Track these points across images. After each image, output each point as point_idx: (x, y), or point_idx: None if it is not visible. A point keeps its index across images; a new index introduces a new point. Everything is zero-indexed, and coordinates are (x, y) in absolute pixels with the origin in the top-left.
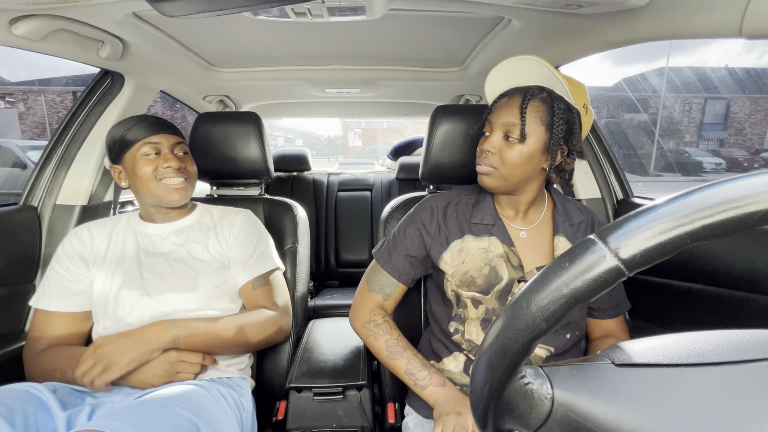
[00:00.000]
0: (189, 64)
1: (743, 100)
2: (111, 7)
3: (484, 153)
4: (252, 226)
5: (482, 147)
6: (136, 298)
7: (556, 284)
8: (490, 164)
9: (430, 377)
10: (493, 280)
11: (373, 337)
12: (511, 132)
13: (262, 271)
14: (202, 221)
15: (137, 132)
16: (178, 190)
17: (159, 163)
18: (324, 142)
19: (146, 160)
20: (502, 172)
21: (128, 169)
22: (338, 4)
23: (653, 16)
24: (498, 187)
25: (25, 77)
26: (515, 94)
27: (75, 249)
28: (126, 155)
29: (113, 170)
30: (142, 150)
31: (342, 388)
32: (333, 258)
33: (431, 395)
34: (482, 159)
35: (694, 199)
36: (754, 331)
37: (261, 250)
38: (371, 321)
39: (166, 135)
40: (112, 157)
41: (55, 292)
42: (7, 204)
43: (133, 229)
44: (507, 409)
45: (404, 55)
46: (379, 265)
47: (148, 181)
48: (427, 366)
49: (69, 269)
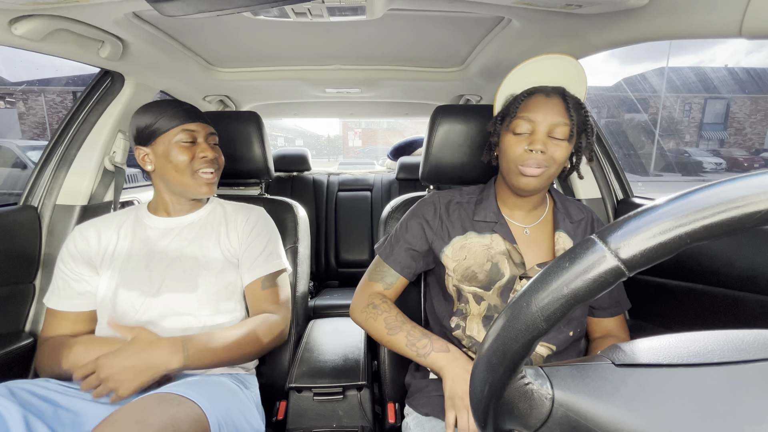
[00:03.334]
0: (189, 64)
1: (743, 100)
2: (111, 7)
3: (534, 153)
4: (265, 225)
5: (531, 147)
6: (142, 296)
7: (557, 284)
8: (540, 164)
9: (431, 344)
10: (494, 276)
11: (372, 318)
12: (557, 131)
13: (272, 270)
14: (213, 215)
15: (174, 117)
16: (210, 185)
17: (195, 152)
18: (324, 142)
19: (182, 148)
20: (550, 172)
21: (159, 153)
22: (338, 4)
23: (653, 16)
24: (542, 186)
25: (25, 77)
26: (552, 94)
27: (79, 249)
28: (159, 139)
29: (138, 151)
30: (178, 136)
31: (342, 388)
32: (333, 258)
33: (436, 361)
34: (530, 159)
35: (694, 199)
36: (754, 331)
37: (271, 249)
38: (369, 304)
39: (203, 124)
40: (141, 139)
41: (62, 292)
42: (7, 204)
43: (143, 224)
44: (507, 409)
45: (404, 55)
46: (382, 258)
47: (183, 170)
48: (427, 334)
49: (73, 270)
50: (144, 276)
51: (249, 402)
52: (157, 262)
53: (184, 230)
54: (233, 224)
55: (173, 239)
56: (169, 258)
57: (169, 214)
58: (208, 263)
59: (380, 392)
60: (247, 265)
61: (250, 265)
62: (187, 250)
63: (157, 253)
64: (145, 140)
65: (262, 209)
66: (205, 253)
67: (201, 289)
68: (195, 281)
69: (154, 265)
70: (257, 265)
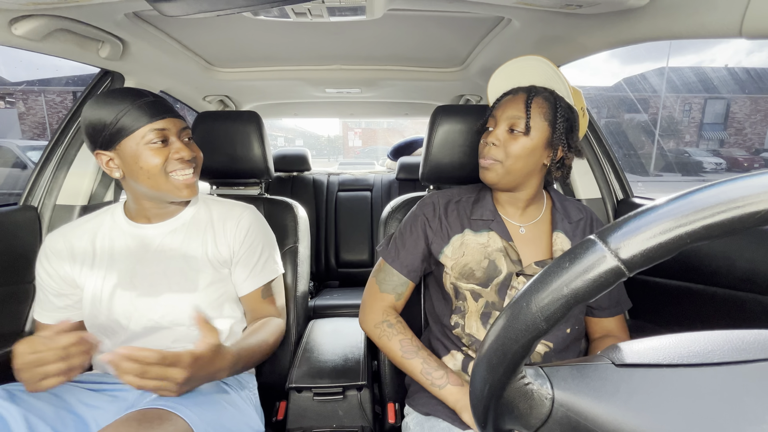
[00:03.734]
0: (189, 64)
1: (743, 100)
2: (111, 7)
3: (488, 145)
4: (259, 227)
5: (486, 139)
6: (132, 306)
7: (557, 284)
8: (494, 157)
9: (447, 377)
10: (492, 273)
11: (386, 338)
12: (515, 125)
13: (269, 278)
14: (198, 217)
15: (139, 115)
16: (189, 186)
17: (168, 153)
18: (324, 142)
19: (153, 150)
20: (506, 165)
21: (126, 158)
22: (338, 4)
23: (653, 16)
24: (499, 181)
25: (25, 77)
26: (520, 92)
27: (53, 265)
28: (124, 142)
29: (100, 157)
30: (147, 137)
31: (342, 388)
32: (333, 258)
33: (450, 395)
34: (486, 152)
35: (694, 199)
36: (754, 331)
37: (267, 256)
38: (384, 321)
39: (173, 119)
40: (100, 143)
41: (44, 305)
42: (7, 204)
43: (121, 230)
44: (507, 409)
45: (404, 55)
46: (388, 263)
47: (156, 175)
48: (443, 366)
49: (51, 286)
50: (127, 283)
51: (245, 403)
52: (141, 272)
53: (167, 238)
54: (221, 231)
55: (157, 246)
56: (153, 267)
57: (149, 220)
58: (196, 271)
59: (380, 392)
60: (243, 277)
61: (247, 275)
62: (173, 258)
63: (141, 262)
64: (105, 144)
65: (253, 208)
66: (192, 262)
67: (191, 293)
68: (183, 288)
69: (138, 275)
70: (254, 275)
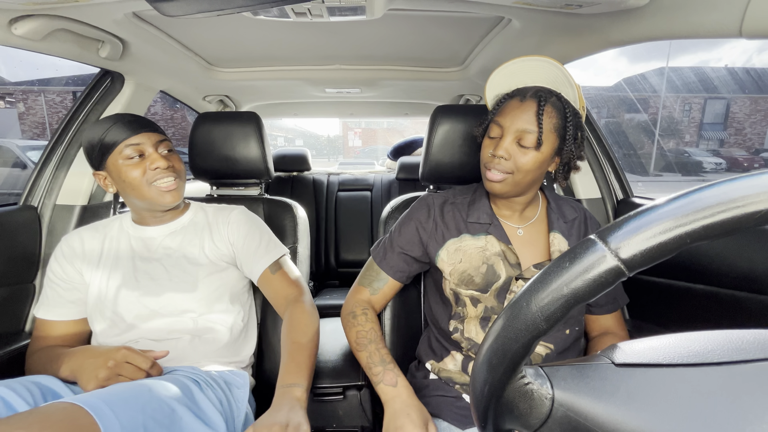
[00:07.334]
0: (189, 64)
1: (743, 100)
2: (111, 7)
3: (497, 159)
4: (250, 220)
5: (494, 152)
6: (134, 299)
7: (557, 284)
8: (504, 170)
9: (383, 374)
10: (491, 278)
11: (348, 327)
12: (524, 139)
13: (275, 257)
14: (196, 221)
15: (115, 134)
16: (171, 192)
17: (146, 165)
18: (324, 142)
19: (131, 165)
20: (516, 179)
21: (114, 175)
22: (338, 4)
23: (653, 16)
24: (508, 192)
25: (25, 77)
26: (528, 98)
27: (66, 257)
28: (108, 161)
29: (97, 177)
30: (124, 153)
31: (342, 388)
32: (333, 258)
33: (383, 393)
34: (494, 165)
35: (694, 199)
36: (754, 331)
37: (267, 238)
38: (351, 312)
39: (147, 134)
40: (94, 164)
41: (51, 301)
42: (7, 204)
43: (127, 233)
44: (507, 409)
45: (404, 55)
46: (375, 262)
47: (139, 186)
48: (385, 362)
49: (62, 278)
50: (131, 282)
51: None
52: (144, 270)
53: (168, 238)
54: (216, 228)
55: (159, 246)
56: (155, 265)
57: (150, 225)
58: (195, 268)
59: None
60: (251, 261)
61: (254, 259)
62: (173, 256)
63: (144, 260)
64: (97, 163)
65: (242, 207)
66: (191, 259)
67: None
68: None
69: (141, 273)
70: (260, 257)
